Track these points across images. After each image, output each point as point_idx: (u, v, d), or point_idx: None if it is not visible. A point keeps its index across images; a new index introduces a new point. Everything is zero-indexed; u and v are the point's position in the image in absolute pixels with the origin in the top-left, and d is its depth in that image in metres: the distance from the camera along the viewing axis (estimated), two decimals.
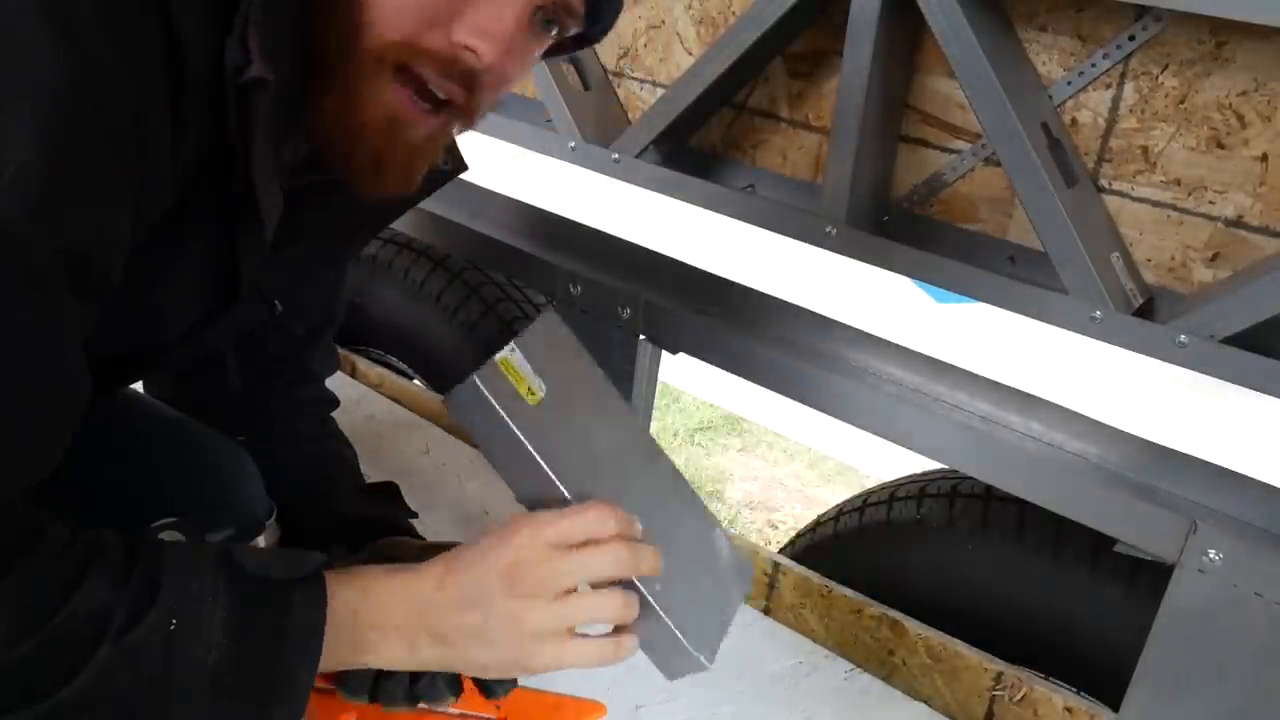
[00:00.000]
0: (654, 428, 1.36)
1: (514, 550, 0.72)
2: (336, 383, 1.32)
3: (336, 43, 0.71)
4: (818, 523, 1.48)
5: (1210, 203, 1.02)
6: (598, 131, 1.41)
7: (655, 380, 1.25)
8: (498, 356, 0.80)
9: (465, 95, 0.74)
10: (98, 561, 0.64)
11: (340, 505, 1.09)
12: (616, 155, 1.38)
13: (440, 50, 0.71)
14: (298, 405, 1.19)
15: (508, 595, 0.72)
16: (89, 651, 0.62)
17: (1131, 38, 1.01)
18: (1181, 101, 1.01)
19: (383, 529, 1.05)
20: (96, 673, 0.62)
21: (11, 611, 0.60)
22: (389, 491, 1.13)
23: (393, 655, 0.73)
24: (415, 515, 1.11)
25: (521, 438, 0.74)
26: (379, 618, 0.72)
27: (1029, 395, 1.01)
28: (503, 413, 0.74)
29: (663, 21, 1.36)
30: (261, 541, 1.09)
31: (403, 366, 1.80)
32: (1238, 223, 1.01)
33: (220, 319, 0.85)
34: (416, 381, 1.76)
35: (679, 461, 1.54)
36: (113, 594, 0.63)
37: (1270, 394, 0.97)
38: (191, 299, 0.82)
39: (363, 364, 1.71)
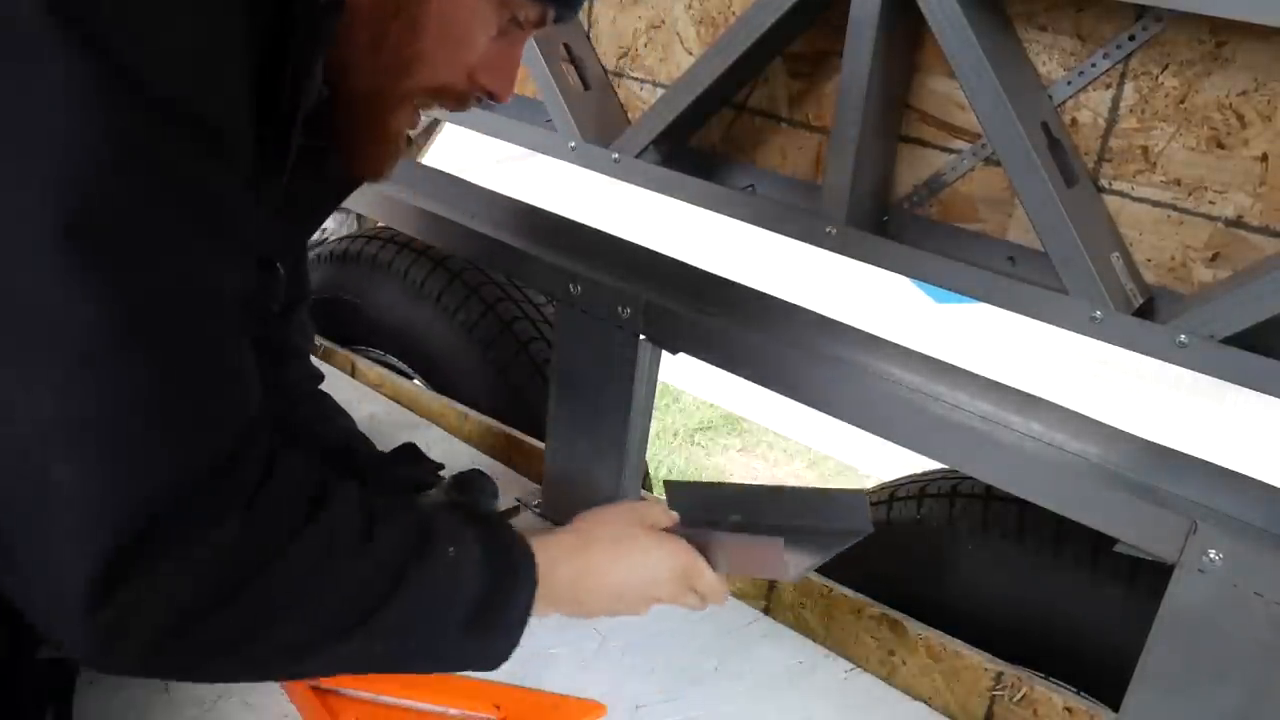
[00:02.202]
0: (654, 428, 1.36)
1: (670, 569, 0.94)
2: (337, 383, 1.33)
3: (376, 87, 0.81)
4: None
5: (1210, 203, 1.02)
6: (598, 131, 1.41)
7: (655, 380, 1.25)
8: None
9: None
10: (382, 516, 0.75)
11: (371, 475, 1.18)
12: (616, 155, 1.38)
13: (462, 89, 0.85)
14: (293, 387, 1.20)
15: (648, 591, 0.95)
16: (396, 584, 0.74)
17: (1131, 38, 1.01)
18: (1181, 101, 1.01)
19: (415, 489, 1.21)
20: (401, 600, 0.74)
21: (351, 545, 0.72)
22: (411, 452, 1.25)
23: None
24: (441, 466, 1.25)
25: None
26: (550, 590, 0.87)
27: (1029, 395, 1.01)
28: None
29: (663, 21, 1.36)
30: None
31: (403, 366, 1.80)
32: (1238, 223, 1.01)
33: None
34: (416, 381, 1.76)
35: (679, 461, 1.54)
36: (401, 535, 0.76)
37: (1270, 394, 0.97)
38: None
39: (363, 364, 1.71)
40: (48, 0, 0.56)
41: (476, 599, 0.80)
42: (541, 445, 1.42)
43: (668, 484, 1.10)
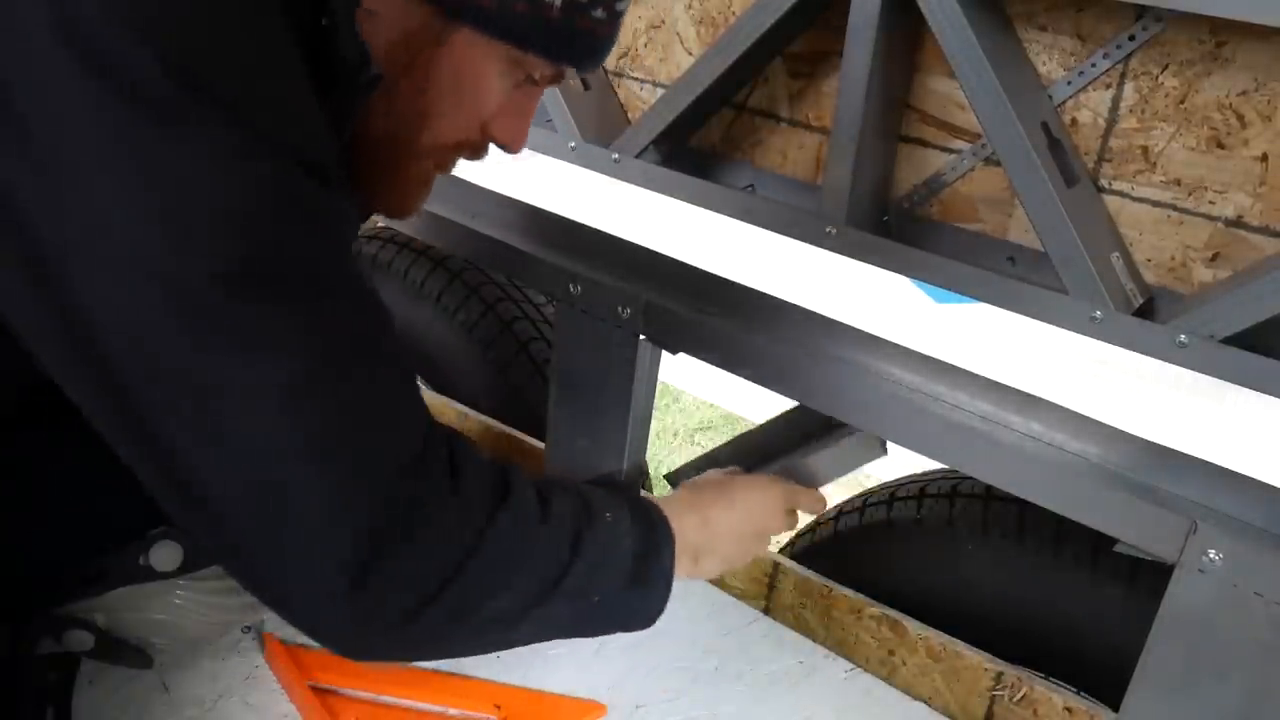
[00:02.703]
0: (654, 428, 1.36)
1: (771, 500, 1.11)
2: None
3: (390, 134, 0.82)
4: (818, 523, 1.48)
5: (1210, 203, 1.02)
6: (598, 131, 1.41)
7: (655, 380, 1.25)
8: None
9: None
10: (551, 493, 0.86)
11: None
12: (616, 155, 1.38)
13: (476, 143, 0.87)
14: None
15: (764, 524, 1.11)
16: (575, 549, 0.84)
17: (1131, 38, 1.01)
18: (1181, 101, 1.01)
19: None
20: (581, 562, 0.85)
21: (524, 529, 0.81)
22: None
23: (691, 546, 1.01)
24: None
25: None
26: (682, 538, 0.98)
27: (1029, 395, 1.01)
28: None
29: (663, 21, 1.36)
30: None
31: None
32: (1238, 223, 1.01)
33: None
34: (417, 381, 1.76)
35: (679, 461, 1.55)
36: (570, 505, 0.87)
37: (1270, 394, 0.97)
38: None
39: None
40: (177, 76, 0.60)
41: (635, 555, 0.91)
42: (541, 445, 1.42)
43: (669, 477, 1.18)
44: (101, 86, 0.59)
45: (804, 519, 1.21)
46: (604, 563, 0.88)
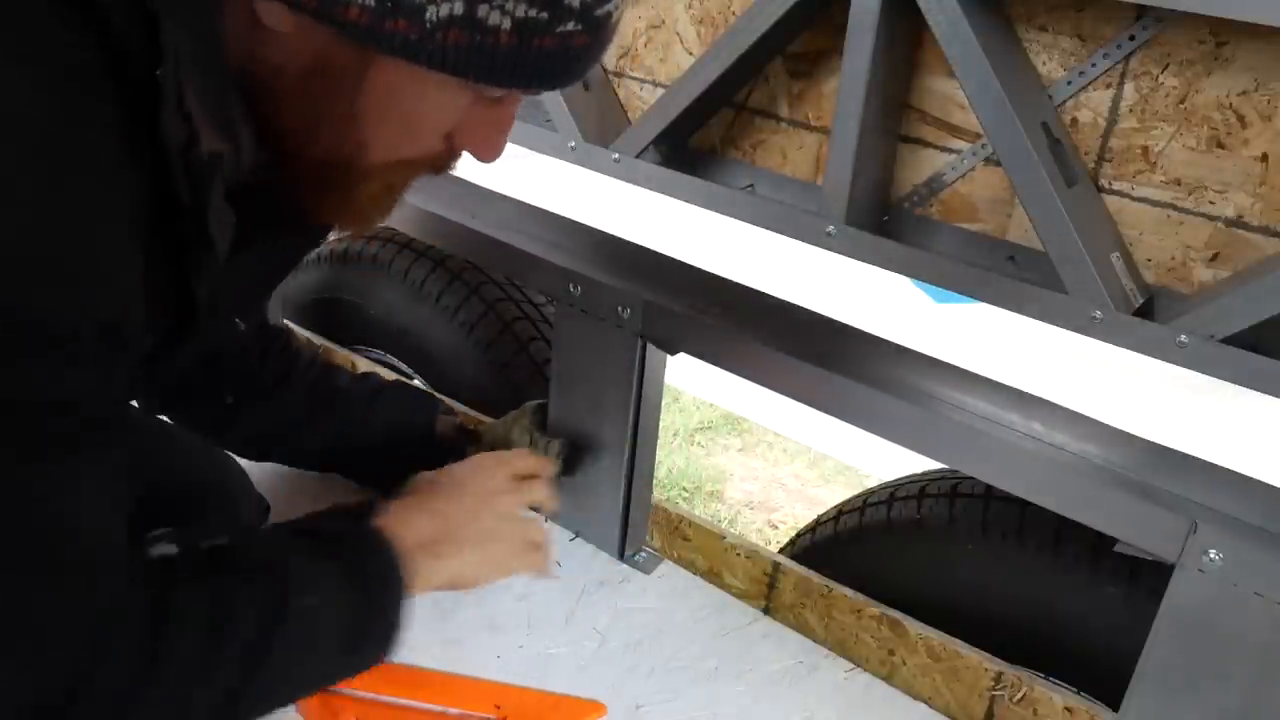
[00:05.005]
0: None
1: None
2: None
3: (327, 153, 0.74)
4: (818, 523, 1.48)
5: (1210, 203, 1.02)
6: (598, 131, 1.41)
7: (662, 381, 1.25)
8: None
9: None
10: (228, 606, 0.74)
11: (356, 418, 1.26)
12: (616, 155, 1.38)
13: (436, 160, 0.78)
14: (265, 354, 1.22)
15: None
16: (256, 666, 0.74)
17: (1131, 38, 1.01)
18: (1181, 101, 1.01)
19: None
20: (268, 670, 0.75)
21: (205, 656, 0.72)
22: (402, 386, 1.33)
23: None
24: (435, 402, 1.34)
25: None
26: (416, 535, 0.91)
27: (1029, 395, 1.01)
28: None
29: (663, 21, 1.36)
30: None
31: (403, 366, 1.80)
32: (1238, 223, 1.01)
33: (179, 346, 0.83)
34: (417, 381, 1.76)
35: (679, 461, 1.54)
36: (254, 614, 0.75)
37: (1270, 394, 0.97)
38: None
39: (363, 364, 1.71)
40: None
41: (347, 626, 0.81)
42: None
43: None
44: None
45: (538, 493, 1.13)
46: (303, 659, 0.79)
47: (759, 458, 3.34)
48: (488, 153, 0.78)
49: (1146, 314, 1.06)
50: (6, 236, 0.58)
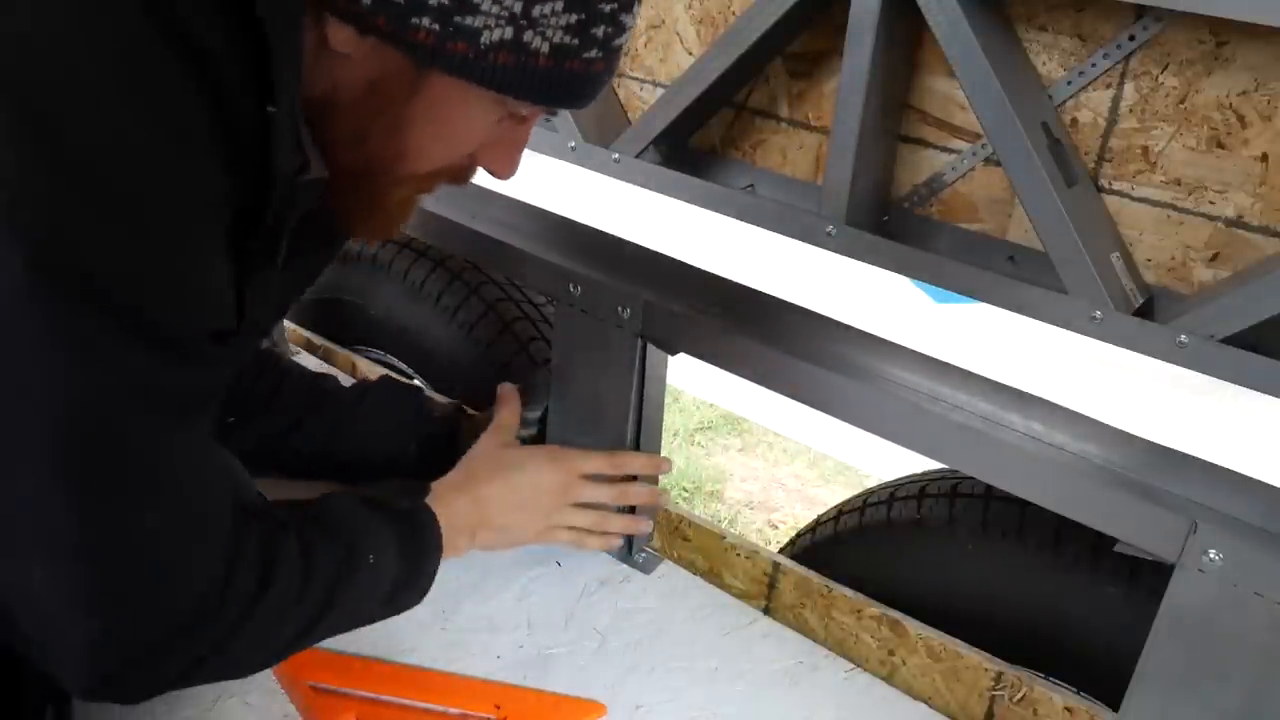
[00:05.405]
0: None
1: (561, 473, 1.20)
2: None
3: (369, 163, 0.82)
4: (818, 523, 1.48)
5: (1210, 203, 1.02)
6: (598, 131, 1.41)
7: (664, 382, 1.25)
8: None
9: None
10: (315, 553, 0.88)
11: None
12: (616, 155, 1.38)
13: (461, 170, 0.86)
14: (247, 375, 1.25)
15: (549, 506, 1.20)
16: (327, 608, 0.89)
17: (1131, 38, 1.01)
18: (1181, 101, 1.01)
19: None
20: (333, 615, 0.90)
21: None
22: (394, 382, 1.37)
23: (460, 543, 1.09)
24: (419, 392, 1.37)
25: None
26: (454, 521, 1.08)
27: (1029, 395, 1.01)
28: None
29: (663, 21, 1.36)
30: None
31: (403, 366, 1.80)
32: (1238, 223, 1.01)
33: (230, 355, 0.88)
34: (416, 381, 1.76)
35: (680, 461, 1.54)
36: (332, 561, 0.90)
37: (1270, 394, 0.97)
38: None
39: (363, 364, 1.71)
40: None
41: (393, 582, 0.97)
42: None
43: None
44: None
45: (600, 492, 1.23)
46: (358, 604, 0.95)
47: (759, 458, 3.34)
48: (506, 168, 0.87)
49: (1146, 314, 1.06)
50: (143, 261, 0.67)
